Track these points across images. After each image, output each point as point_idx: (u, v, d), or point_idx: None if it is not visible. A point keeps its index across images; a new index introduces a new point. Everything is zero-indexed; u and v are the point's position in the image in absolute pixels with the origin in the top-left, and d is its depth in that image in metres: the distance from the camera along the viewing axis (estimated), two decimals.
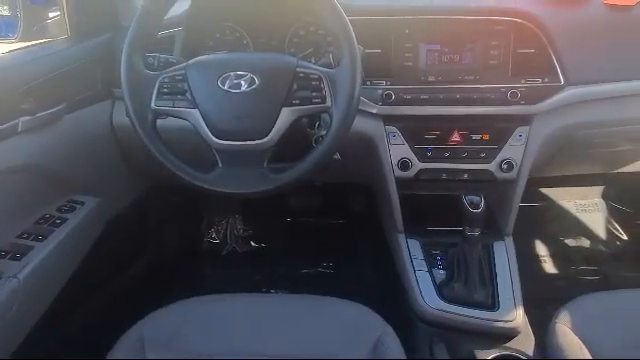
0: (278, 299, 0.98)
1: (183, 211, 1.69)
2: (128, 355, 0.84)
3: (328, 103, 0.83)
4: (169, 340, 0.88)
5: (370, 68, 1.06)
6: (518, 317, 0.95)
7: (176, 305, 0.95)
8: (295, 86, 0.83)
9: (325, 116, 0.86)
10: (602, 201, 1.80)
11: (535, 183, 1.71)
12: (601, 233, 1.75)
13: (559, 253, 1.71)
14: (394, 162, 1.08)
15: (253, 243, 1.77)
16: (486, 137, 1.06)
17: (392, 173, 1.09)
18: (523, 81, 1.03)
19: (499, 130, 1.06)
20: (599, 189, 1.81)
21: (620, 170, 1.37)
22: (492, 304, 0.98)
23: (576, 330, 0.86)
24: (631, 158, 1.28)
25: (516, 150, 1.05)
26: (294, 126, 0.85)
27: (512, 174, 1.06)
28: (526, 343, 0.94)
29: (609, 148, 1.18)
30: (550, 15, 1.03)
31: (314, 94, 0.83)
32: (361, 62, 0.91)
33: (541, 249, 1.72)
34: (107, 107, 1.15)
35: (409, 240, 1.11)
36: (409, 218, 1.14)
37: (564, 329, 0.87)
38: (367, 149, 1.10)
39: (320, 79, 0.83)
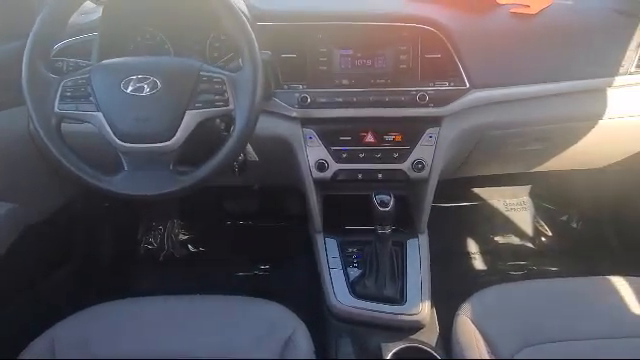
0: (194, 301, 0.99)
1: (118, 216, 1.67)
2: (37, 357, 0.84)
3: (231, 106, 0.85)
4: (79, 343, 0.88)
5: (286, 72, 1.09)
6: (424, 310, 0.99)
7: (92, 309, 0.95)
8: (198, 89, 0.85)
9: None
10: (529, 199, 1.88)
11: (462, 183, 1.78)
12: (528, 230, 1.83)
13: (489, 250, 1.78)
14: (311, 163, 1.11)
15: (191, 247, 1.76)
16: (398, 138, 1.10)
17: (310, 174, 1.11)
18: (432, 84, 1.07)
19: (410, 131, 1.10)
20: (527, 188, 1.89)
21: (544, 169, 1.44)
22: (401, 299, 1.01)
23: (474, 321, 0.91)
24: (544, 157, 1.34)
25: (427, 150, 1.10)
26: (200, 129, 0.87)
27: (424, 174, 1.11)
28: (431, 335, 0.98)
29: (520, 147, 1.24)
30: (455, 22, 1.08)
31: (217, 97, 0.85)
32: (266, 66, 0.94)
33: (472, 246, 1.79)
34: (24, 112, 1.13)
35: (327, 239, 1.14)
36: (328, 218, 1.17)
37: (464, 320, 0.92)
38: (285, 151, 1.12)
39: (223, 82, 0.85)
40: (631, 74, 1.13)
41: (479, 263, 1.75)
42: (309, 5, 1.12)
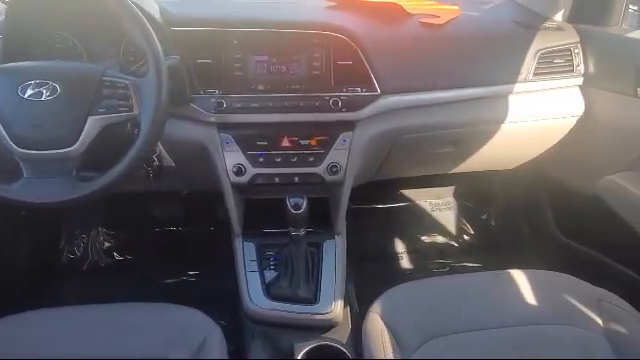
0: (106, 310, 0.98)
1: (37, 225, 1.60)
2: None
3: (135, 111, 0.85)
4: None
5: (202, 77, 1.09)
6: (336, 309, 1.02)
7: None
8: (101, 94, 0.84)
9: None
10: (453, 200, 1.97)
11: (389, 185, 1.84)
12: (452, 229, 1.91)
13: (415, 249, 1.84)
14: (229, 168, 1.12)
15: (117, 255, 1.72)
16: (313, 142, 1.12)
17: (227, 179, 1.12)
18: (344, 90, 1.11)
19: (325, 136, 1.13)
20: (452, 189, 1.98)
21: (459, 171, 1.51)
22: (314, 299, 1.04)
23: (383, 317, 0.94)
24: (458, 159, 1.40)
25: (341, 154, 1.13)
26: (107, 134, 0.86)
27: (339, 177, 1.14)
28: (343, 333, 1.01)
29: (433, 150, 1.31)
30: (366, 31, 1.13)
31: (121, 102, 0.85)
32: (176, 71, 0.95)
33: (399, 246, 1.84)
34: None
35: (245, 243, 1.15)
36: (249, 222, 1.18)
37: (374, 317, 0.95)
38: (203, 156, 1.13)
39: (127, 87, 0.85)
40: (529, 81, 1.22)
41: (406, 262, 1.81)
42: (224, 11, 1.14)
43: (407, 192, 1.95)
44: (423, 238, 1.89)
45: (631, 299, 0.97)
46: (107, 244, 1.73)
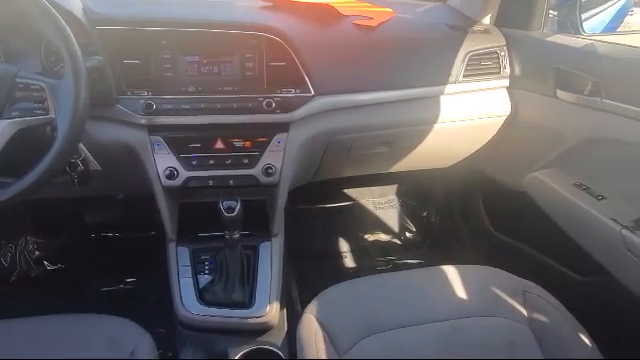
0: (34, 322, 0.93)
1: None
2: None
3: (52, 114, 0.81)
4: None
5: (130, 78, 1.05)
6: (271, 312, 1.02)
7: None
8: (14, 97, 0.80)
9: None
10: (396, 198, 2.00)
11: (333, 185, 1.85)
12: (395, 226, 1.95)
13: (359, 248, 1.87)
14: (160, 172, 1.08)
15: (48, 265, 1.64)
16: (248, 144, 1.11)
17: (159, 182, 1.09)
18: (278, 91, 1.10)
19: (259, 137, 1.11)
20: (394, 187, 2.01)
21: (395, 170, 1.53)
22: (249, 302, 1.03)
23: (319, 317, 0.94)
24: (392, 159, 1.43)
25: (276, 155, 1.12)
26: (23, 138, 0.82)
27: (274, 178, 1.13)
28: (279, 335, 1.01)
29: (367, 151, 1.32)
30: (299, 32, 1.12)
31: (36, 105, 0.81)
32: (101, 72, 0.91)
33: (343, 246, 1.86)
34: None
35: (179, 248, 1.12)
36: (183, 226, 1.16)
37: (309, 317, 0.95)
38: (132, 160, 1.09)
39: (42, 90, 0.81)
40: (460, 83, 1.26)
41: (349, 261, 1.82)
42: (152, 10, 1.10)
43: (350, 191, 1.97)
44: (367, 236, 1.92)
45: (556, 290, 1.02)
46: (37, 253, 1.65)
